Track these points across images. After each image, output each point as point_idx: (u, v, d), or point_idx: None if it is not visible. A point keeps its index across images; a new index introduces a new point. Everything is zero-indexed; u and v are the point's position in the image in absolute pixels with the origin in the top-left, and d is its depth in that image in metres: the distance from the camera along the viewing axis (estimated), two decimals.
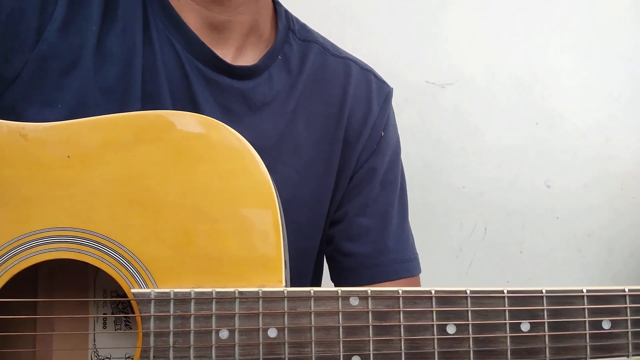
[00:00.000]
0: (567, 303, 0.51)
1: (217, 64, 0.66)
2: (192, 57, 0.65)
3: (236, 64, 0.68)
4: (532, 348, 0.50)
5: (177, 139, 0.51)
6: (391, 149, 0.78)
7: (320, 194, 0.73)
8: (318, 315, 0.47)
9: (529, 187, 1.66)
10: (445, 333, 0.49)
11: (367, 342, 0.48)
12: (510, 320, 0.50)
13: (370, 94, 0.77)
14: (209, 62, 0.66)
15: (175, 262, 0.49)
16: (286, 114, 0.71)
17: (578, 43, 1.67)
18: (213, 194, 0.50)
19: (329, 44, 0.78)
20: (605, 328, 0.51)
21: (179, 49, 0.65)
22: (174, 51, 0.65)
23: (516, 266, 1.67)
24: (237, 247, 0.49)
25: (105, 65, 0.61)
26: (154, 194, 0.49)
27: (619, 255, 1.72)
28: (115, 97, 0.61)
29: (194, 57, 0.65)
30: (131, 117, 0.52)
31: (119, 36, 0.62)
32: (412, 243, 0.79)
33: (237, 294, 0.47)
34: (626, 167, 1.70)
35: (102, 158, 0.50)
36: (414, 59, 1.60)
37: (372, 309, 0.48)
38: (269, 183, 0.51)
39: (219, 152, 0.51)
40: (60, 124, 0.51)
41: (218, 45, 0.67)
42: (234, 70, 0.67)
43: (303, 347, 0.47)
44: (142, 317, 0.46)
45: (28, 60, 0.58)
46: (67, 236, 0.49)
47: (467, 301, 0.49)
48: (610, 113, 1.69)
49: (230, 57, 0.68)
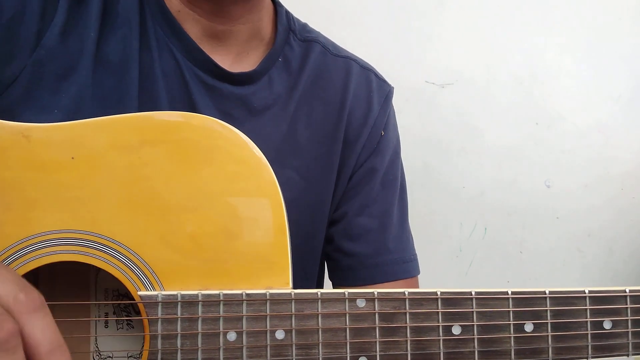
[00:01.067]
0: (570, 304, 0.51)
1: (216, 71, 0.66)
2: (192, 65, 0.65)
3: (236, 69, 0.68)
4: (536, 348, 0.51)
5: (183, 141, 0.50)
6: (391, 149, 0.78)
7: (321, 194, 0.73)
8: (325, 317, 0.47)
9: (529, 187, 1.66)
10: (451, 334, 0.49)
11: (373, 343, 0.48)
12: (514, 321, 0.50)
13: (370, 93, 0.77)
14: (208, 69, 0.66)
15: (182, 264, 0.49)
16: (287, 116, 0.71)
17: (578, 43, 1.68)
18: (219, 195, 0.50)
19: (330, 44, 0.78)
20: (606, 328, 0.52)
21: (178, 57, 0.65)
22: (173, 58, 0.65)
23: (516, 266, 1.67)
24: (244, 249, 0.49)
25: (103, 72, 0.61)
26: (159, 195, 0.49)
27: (619, 255, 1.72)
28: (112, 103, 0.61)
29: (193, 65, 0.65)
30: (136, 118, 0.51)
31: (117, 43, 0.62)
32: (411, 243, 0.79)
33: (245, 296, 0.47)
34: (626, 167, 1.70)
35: (107, 159, 0.49)
36: (414, 59, 1.60)
37: (379, 310, 0.48)
38: (276, 185, 0.51)
39: (225, 153, 0.51)
40: (64, 125, 0.50)
41: (217, 52, 0.67)
42: (234, 77, 0.67)
43: (310, 349, 0.47)
44: (150, 320, 0.46)
45: (27, 64, 0.58)
46: (71, 238, 0.49)
47: (472, 302, 0.49)
48: (610, 113, 1.69)
49: (230, 62, 0.68)
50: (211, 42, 0.67)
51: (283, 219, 0.50)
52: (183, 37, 0.65)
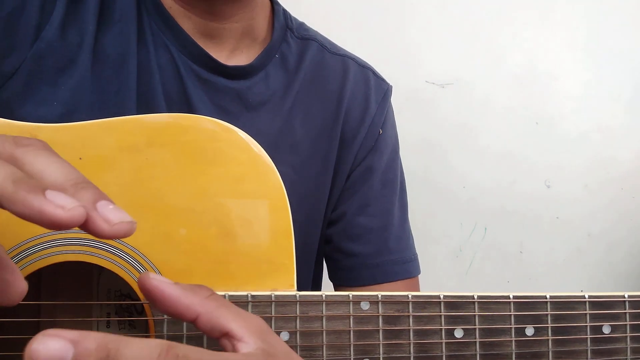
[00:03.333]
0: (570, 308, 0.52)
1: (211, 64, 0.66)
2: (187, 59, 0.65)
3: (230, 64, 0.68)
4: (536, 352, 0.51)
5: (189, 142, 0.51)
6: (390, 148, 0.78)
7: (318, 192, 0.73)
8: (329, 319, 0.48)
9: (529, 187, 1.66)
10: (453, 337, 0.50)
11: (377, 345, 0.48)
12: (516, 325, 0.51)
13: (368, 92, 0.76)
14: (203, 63, 0.66)
15: (187, 265, 0.49)
16: (283, 112, 0.71)
17: (578, 43, 1.68)
18: (225, 197, 0.50)
19: (327, 42, 0.78)
20: (605, 333, 0.53)
21: (173, 51, 0.65)
22: (168, 53, 0.65)
23: (516, 266, 1.68)
24: (249, 250, 0.50)
25: (101, 66, 0.62)
26: (165, 196, 0.50)
27: (619, 255, 1.73)
28: (110, 97, 0.61)
29: (188, 59, 0.65)
30: (144, 119, 0.52)
31: (115, 37, 0.63)
32: (412, 243, 0.79)
33: (250, 298, 0.47)
34: (626, 168, 1.71)
35: (114, 160, 0.50)
36: (414, 59, 1.60)
37: (382, 313, 0.48)
38: (281, 187, 0.51)
39: (231, 155, 0.51)
40: (72, 125, 0.50)
41: (211, 49, 0.67)
42: (229, 70, 0.67)
43: (314, 351, 0.47)
44: (155, 320, 0.47)
45: (26, 57, 0.58)
46: (77, 238, 0.49)
47: (475, 306, 0.50)
48: (611, 113, 1.69)
49: (224, 59, 0.68)
50: (204, 38, 0.67)
51: (288, 221, 0.51)
52: (178, 31, 0.65)
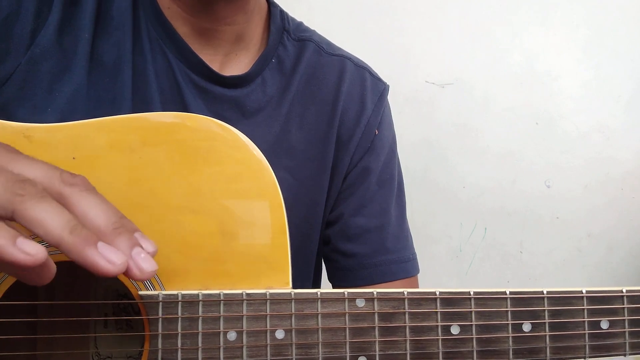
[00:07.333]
0: (567, 304, 0.51)
1: (208, 73, 0.66)
2: (184, 66, 0.65)
3: (226, 71, 0.68)
4: (533, 348, 0.51)
5: (183, 142, 0.51)
6: (386, 148, 0.77)
7: (315, 194, 0.73)
8: (325, 317, 0.48)
9: (529, 187, 1.66)
10: (450, 333, 0.49)
11: (373, 342, 0.48)
12: (513, 321, 0.50)
13: (364, 92, 0.76)
14: (200, 71, 0.65)
15: (182, 264, 0.49)
16: (280, 117, 0.70)
17: (578, 43, 1.68)
18: (219, 196, 0.50)
19: (325, 42, 0.77)
20: (603, 328, 0.52)
21: (170, 58, 0.65)
22: (166, 60, 0.65)
23: (516, 266, 1.68)
24: (244, 249, 0.50)
25: (97, 73, 0.61)
26: (160, 196, 0.49)
27: (619, 255, 1.73)
28: (105, 104, 0.61)
29: (185, 66, 0.65)
30: (137, 118, 0.51)
31: (111, 45, 0.62)
32: (410, 243, 0.78)
33: (245, 296, 0.47)
34: (626, 167, 1.71)
35: (108, 160, 0.49)
36: (414, 59, 1.60)
37: (378, 310, 0.48)
38: (276, 186, 0.51)
39: (225, 154, 0.51)
40: (66, 125, 0.50)
41: (206, 53, 0.67)
42: (226, 80, 0.67)
43: (310, 348, 0.47)
44: (150, 319, 0.46)
45: (21, 63, 0.58)
46: None
47: (471, 302, 0.50)
48: (610, 113, 1.69)
49: (219, 64, 0.68)
50: (199, 40, 0.66)
51: (283, 220, 0.51)
52: (175, 38, 0.65)
